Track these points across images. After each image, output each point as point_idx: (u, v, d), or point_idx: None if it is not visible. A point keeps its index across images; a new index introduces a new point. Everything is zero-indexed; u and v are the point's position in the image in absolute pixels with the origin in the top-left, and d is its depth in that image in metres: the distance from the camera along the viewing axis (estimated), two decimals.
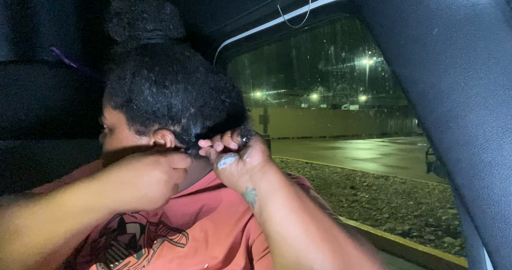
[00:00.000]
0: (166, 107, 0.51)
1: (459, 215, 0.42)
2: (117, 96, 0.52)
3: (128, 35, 0.55)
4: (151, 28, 0.55)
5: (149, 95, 0.50)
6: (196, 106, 0.52)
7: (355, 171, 6.79)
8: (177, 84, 0.51)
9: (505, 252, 0.35)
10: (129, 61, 0.52)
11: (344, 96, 25.08)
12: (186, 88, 0.51)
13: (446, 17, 0.37)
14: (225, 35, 0.88)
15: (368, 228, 3.43)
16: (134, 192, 0.44)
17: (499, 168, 0.34)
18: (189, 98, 0.51)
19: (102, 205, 0.44)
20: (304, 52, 23.39)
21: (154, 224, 0.60)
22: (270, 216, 0.40)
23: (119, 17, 0.55)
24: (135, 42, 0.55)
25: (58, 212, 0.43)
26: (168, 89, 0.50)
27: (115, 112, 0.54)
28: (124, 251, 0.57)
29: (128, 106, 0.51)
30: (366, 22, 0.47)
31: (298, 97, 24.61)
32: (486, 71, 0.35)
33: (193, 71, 0.53)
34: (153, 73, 0.50)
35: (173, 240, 0.56)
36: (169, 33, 0.57)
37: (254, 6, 0.67)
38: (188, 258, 0.53)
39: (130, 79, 0.51)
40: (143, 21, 0.54)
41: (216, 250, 0.52)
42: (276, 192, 0.40)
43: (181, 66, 0.52)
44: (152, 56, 0.52)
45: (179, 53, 0.54)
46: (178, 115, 0.51)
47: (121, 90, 0.51)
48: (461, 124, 0.37)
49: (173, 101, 0.51)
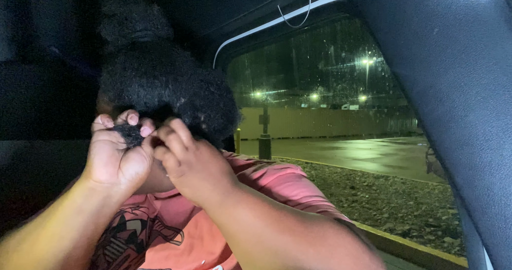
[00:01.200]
0: (157, 98, 0.52)
1: (459, 215, 0.42)
2: (109, 90, 0.53)
3: (118, 34, 0.57)
4: (140, 28, 0.57)
5: (140, 87, 0.51)
6: (186, 97, 0.54)
7: (355, 171, 6.79)
8: (166, 75, 0.52)
9: (505, 252, 0.35)
10: (119, 56, 0.54)
11: (344, 96, 25.10)
12: (176, 79, 0.53)
13: (446, 17, 0.37)
14: (225, 35, 0.88)
15: (368, 228, 3.43)
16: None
17: (499, 168, 0.34)
18: (179, 88, 0.53)
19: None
20: (304, 52, 23.39)
21: (152, 219, 0.61)
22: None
23: (110, 17, 0.57)
24: (125, 40, 0.57)
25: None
26: (157, 79, 0.52)
27: (108, 107, 0.55)
28: (124, 246, 0.58)
29: (120, 99, 0.52)
30: (366, 22, 0.47)
31: (298, 97, 24.62)
32: (486, 71, 0.35)
33: (181, 63, 0.55)
34: (142, 65, 0.52)
35: (168, 238, 0.57)
36: (157, 32, 0.59)
37: (254, 6, 0.67)
38: (185, 255, 0.53)
39: (121, 72, 0.52)
40: (132, 21, 0.56)
41: (212, 246, 0.53)
42: (220, 227, 0.46)
43: (169, 59, 0.54)
44: (141, 51, 0.54)
45: (168, 48, 0.56)
46: (169, 106, 0.53)
47: (113, 84, 0.53)
48: (461, 124, 0.37)
49: (163, 92, 0.52)
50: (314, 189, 0.55)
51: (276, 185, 0.55)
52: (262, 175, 0.57)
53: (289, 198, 0.53)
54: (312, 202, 0.52)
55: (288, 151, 11.09)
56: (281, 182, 0.55)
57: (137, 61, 0.52)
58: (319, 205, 0.51)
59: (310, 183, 0.57)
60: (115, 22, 0.57)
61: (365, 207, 4.24)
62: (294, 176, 0.57)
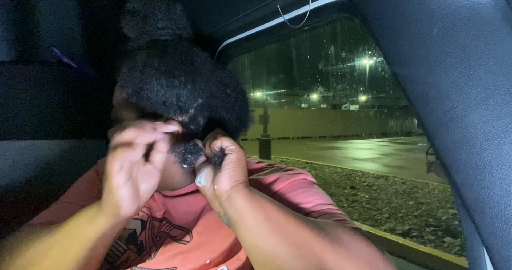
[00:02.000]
0: (175, 97, 0.52)
1: (459, 215, 0.42)
2: (128, 87, 0.53)
3: (140, 31, 0.57)
4: (162, 26, 0.57)
5: (159, 85, 0.51)
6: (203, 97, 0.54)
7: (355, 171, 6.79)
8: (185, 75, 0.52)
9: (505, 252, 0.35)
10: (140, 53, 0.54)
11: (344, 96, 25.08)
12: (194, 79, 0.53)
13: (446, 17, 0.37)
14: (225, 35, 0.88)
15: (368, 228, 3.43)
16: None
17: (499, 168, 0.34)
18: (197, 89, 0.53)
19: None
20: (304, 52, 23.39)
21: (158, 220, 0.60)
22: (241, 239, 0.44)
23: (133, 14, 0.57)
24: (146, 37, 0.57)
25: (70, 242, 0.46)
26: (177, 79, 0.51)
27: (126, 104, 0.55)
28: (124, 246, 0.58)
29: (139, 96, 0.52)
30: (366, 22, 0.47)
31: (298, 97, 24.60)
32: (486, 71, 0.35)
33: (200, 64, 0.55)
34: (162, 63, 0.52)
35: (176, 238, 0.57)
36: (178, 32, 0.59)
37: (254, 6, 0.67)
38: (191, 253, 0.54)
39: (141, 69, 0.52)
40: (154, 18, 0.57)
41: (219, 246, 0.54)
42: (243, 219, 0.42)
43: (189, 59, 0.54)
44: (162, 49, 0.54)
45: (187, 48, 0.56)
46: (186, 105, 0.53)
47: (132, 81, 0.52)
48: (461, 124, 0.37)
49: (181, 91, 0.52)
50: (327, 197, 0.55)
51: (290, 190, 0.55)
52: (275, 180, 0.57)
53: (303, 204, 0.53)
54: (327, 210, 0.52)
55: (288, 151, 11.09)
56: (295, 188, 0.55)
57: (157, 60, 0.52)
58: (334, 213, 0.51)
59: (321, 191, 0.57)
60: (138, 18, 0.57)
61: (365, 207, 4.24)
62: (306, 183, 0.57)
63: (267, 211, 0.43)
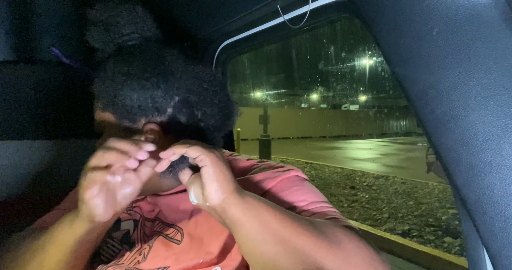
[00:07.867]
0: (150, 99, 0.52)
1: (459, 215, 0.42)
2: (103, 97, 0.54)
3: (106, 40, 0.57)
4: (127, 32, 0.57)
5: (131, 90, 0.51)
6: (180, 94, 0.53)
7: (355, 171, 6.79)
8: (156, 76, 0.52)
9: (505, 252, 0.35)
10: (108, 62, 0.54)
11: (344, 96, 25.08)
12: (166, 78, 0.53)
13: (446, 17, 0.37)
14: (225, 35, 0.88)
15: (368, 228, 3.43)
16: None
17: (499, 168, 0.34)
18: (171, 87, 0.53)
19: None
20: (304, 52, 23.38)
21: (150, 220, 0.61)
22: (239, 245, 0.45)
23: (95, 24, 0.57)
24: (113, 45, 0.57)
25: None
26: (148, 81, 0.51)
27: (104, 114, 0.55)
28: (119, 246, 0.58)
29: (114, 104, 0.52)
30: (366, 22, 0.47)
31: (298, 97, 24.60)
32: (486, 71, 0.35)
33: (171, 62, 0.55)
34: (131, 68, 0.52)
35: (168, 236, 0.57)
36: (144, 34, 0.59)
37: (254, 6, 0.67)
38: (184, 253, 0.54)
39: (112, 77, 0.52)
40: (117, 25, 0.56)
41: (211, 245, 0.53)
42: (240, 229, 0.43)
43: (159, 59, 0.54)
44: (129, 54, 0.54)
45: (156, 48, 0.56)
46: (163, 105, 0.53)
47: (106, 90, 0.53)
48: (461, 124, 0.37)
49: (155, 92, 0.52)
50: (319, 195, 0.55)
51: (282, 189, 0.55)
52: (266, 178, 0.56)
53: (296, 203, 0.52)
54: (320, 208, 0.52)
55: (288, 151, 11.08)
56: (288, 186, 0.55)
57: (126, 65, 0.52)
58: (327, 211, 0.51)
59: (314, 188, 0.57)
60: (101, 28, 0.57)
61: (365, 207, 4.24)
62: (298, 180, 0.57)
63: (263, 219, 0.42)
